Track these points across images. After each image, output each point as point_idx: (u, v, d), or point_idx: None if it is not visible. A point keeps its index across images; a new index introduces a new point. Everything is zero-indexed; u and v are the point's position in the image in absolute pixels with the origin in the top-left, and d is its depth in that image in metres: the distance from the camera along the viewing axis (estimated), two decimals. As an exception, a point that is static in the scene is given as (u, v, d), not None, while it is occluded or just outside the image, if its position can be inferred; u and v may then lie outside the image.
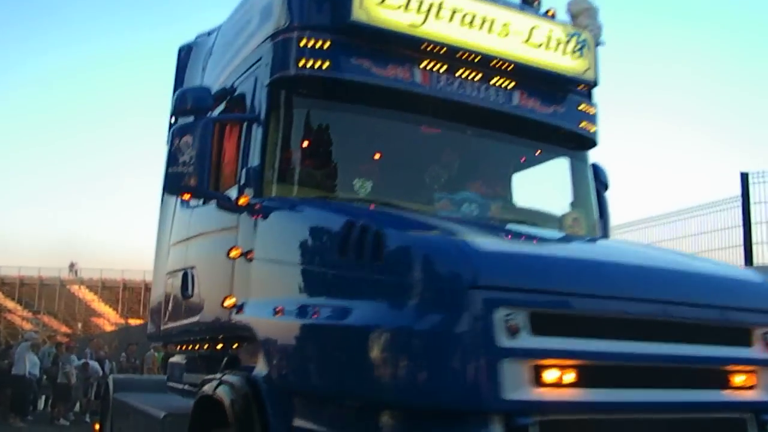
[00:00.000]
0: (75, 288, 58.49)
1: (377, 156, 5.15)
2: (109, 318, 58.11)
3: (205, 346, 5.45)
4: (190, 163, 4.64)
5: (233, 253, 4.52)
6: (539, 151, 5.68)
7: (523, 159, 5.71)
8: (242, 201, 4.61)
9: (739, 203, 11.11)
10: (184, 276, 5.66)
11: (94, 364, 19.27)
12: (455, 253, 3.28)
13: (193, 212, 5.83)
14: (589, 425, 3.24)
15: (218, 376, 4.37)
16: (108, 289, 58.04)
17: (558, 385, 3.17)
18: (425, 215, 4.50)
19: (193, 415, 4.57)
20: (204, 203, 5.61)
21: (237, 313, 4.40)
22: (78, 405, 19.16)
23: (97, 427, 9.82)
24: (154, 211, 7.68)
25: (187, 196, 4.98)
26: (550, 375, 3.16)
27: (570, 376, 3.18)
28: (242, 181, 4.76)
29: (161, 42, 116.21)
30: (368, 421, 3.25)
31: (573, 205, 5.71)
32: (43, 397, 19.77)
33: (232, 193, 4.87)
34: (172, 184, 4.77)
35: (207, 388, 4.37)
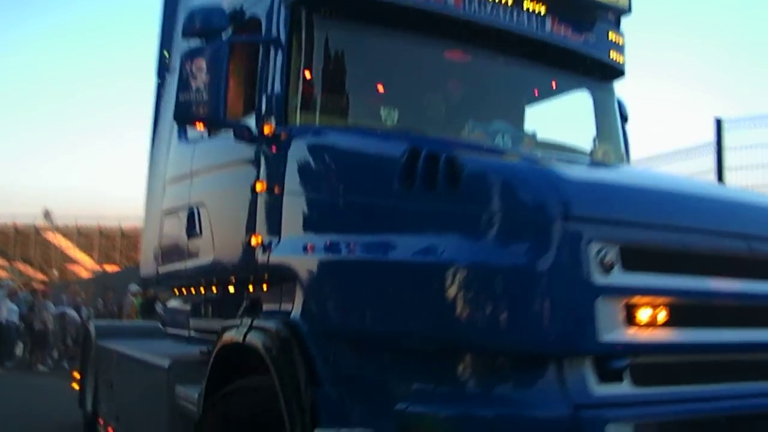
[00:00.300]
0: (50, 235, 57.60)
1: (405, 83, 4.77)
2: (85, 265, 57.41)
3: (218, 289, 5.07)
4: (203, 90, 4.21)
5: (258, 188, 4.12)
6: (568, 80, 5.36)
7: (552, 87, 5.38)
8: (267, 130, 4.20)
9: (713, 149, 11.07)
10: (189, 214, 5.26)
11: (72, 312, 19.18)
12: (544, 181, 2.96)
13: (197, 146, 5.39)
14: (683, 368, 3.00)
15: (245, 321, 4.02)
16: (83, 236, 57.18)
17: (651, 325, 2.91)
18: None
19: (214, 364, 4.22)
20: (210, 135, 5.21)
21: (264, 252, 4.04)
22: (56, 352, 19.14)
23: (77, 375, 9.44)
24: (142, 150, 7.25)
25: (200, 126, 4.54)
26: (643, 314, 2.90)
27: (663, 316, 2.92)
28: (263, 109, 4.35)
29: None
30: (438, 367, 2.96)
31: (600, 138, 5.43)
32: (21, 344, 19.66)
33: (249, 122, 4.47)
34: (183, 114, 4.33)
35: (233, 335, 4.02)
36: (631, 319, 2.88)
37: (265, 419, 3.61)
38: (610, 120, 5.52)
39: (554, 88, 5.37)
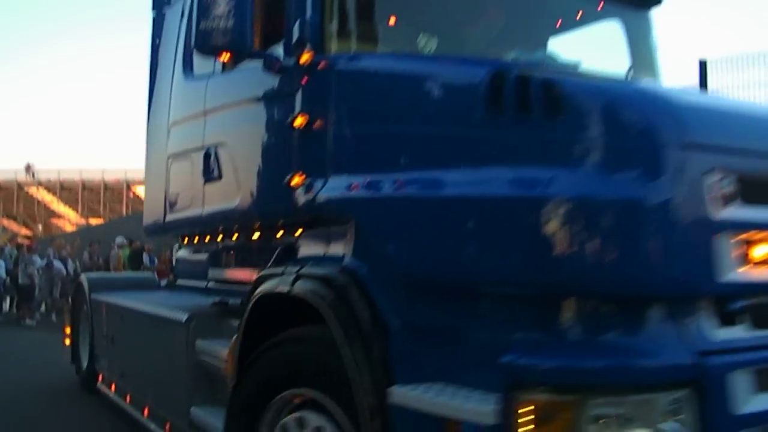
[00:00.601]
0: (33, 190, 56.85)
1: (444, 10, 4.38)
2: (69, 219, 56.75)
3: (241, 236, 4.71)
4: (227, 17, 3.77)
5: (298, 122, 3.73)
6: (608, 6, 5.00)
7: (598, 9, 4.99)
8: (305, 59, 3.79)
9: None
10: (205, 156, 4.86)
11: (58, 264, 18.98)
12: (657, 105, 2.62)
13: (211, 82, 4.97)
14: None
15: (289, 268, 3.68)
16: (67, 190, 56.69)
17: None
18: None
19: (250, 316, 3.89)
20: (226, 69, 4.80)
21: (307, 192, 3.67)
22: (43, 305, 19.06)
23: (68, 330, 9.06)
24: (140, 94, 6.77)
25: (225, 57, 4.11)
26: (764, 251, 2.62)
27: None
28: (295, 37, 3.93)
29: None
30: (540, 315, 2.65)
31: (637, 68, 5.11)
32: (8, 299, 19.44)
33: (277, 51, 4.06)
34: (205, 43, 3.87)
35: (276, 284, 3.67)
36: (751, 257, 2.60)
37: (319, 372, 3.30)
38: (649, 50, 5.20)
39: (599, 9, 4.98)
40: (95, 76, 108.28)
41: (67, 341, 9.02)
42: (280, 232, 4.27)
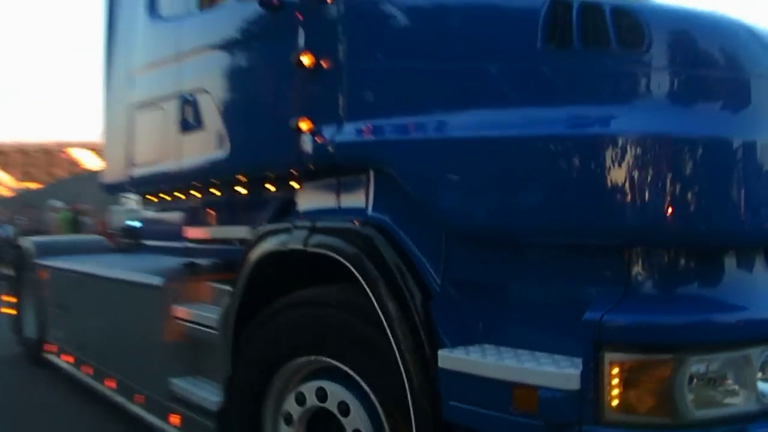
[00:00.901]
0: None
1: None
2: (5, 183, 54.68)
3: (226, 191, 4.28)
4: None
5: (306, 61, 3.33)
6: None
7: None
8: None
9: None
10: (183, 104, 4.40)
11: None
12: (753, 33, 2.37)
13: (186, 23, 4.50)
14: None
15: (300, 222, 3.32)
16: (3, 155, 54.35)
17: None
18: None
19: (251, 276, 3.52)
20: (204, 8, 4.35)
21: (318, 139, 3.28)
22: None
23: (11, 299, 8.43)
24: (95, 44, 6.18)
25: None
26: None
27: None
28: None
29: None
30: (603, 266, 2.38)
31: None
32: None
33: None
34: None
35: (285, 241, 3.31)
36: None
37: (343, 339, 2.98)
38: None
39: None
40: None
41: (11, 311, 8.40)
42: (275, 185, 3.88)
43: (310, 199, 3.60)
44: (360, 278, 2.83)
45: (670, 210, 2.22)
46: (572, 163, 2.34)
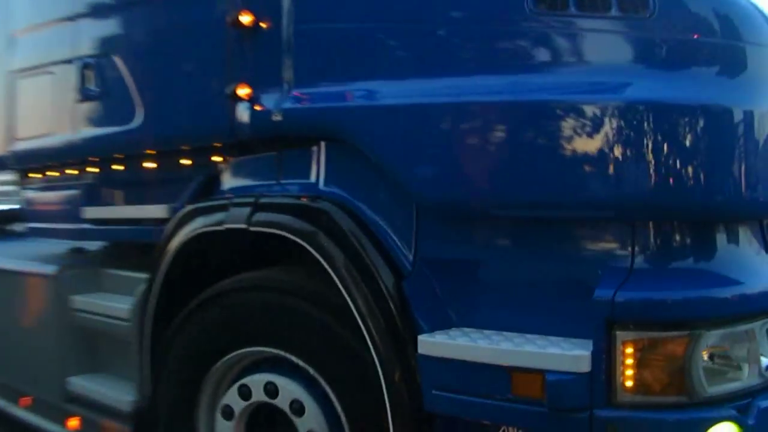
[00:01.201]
0: None
1: None
2: None
3: (132, 165, 3.81)
4: None
5: (245, 20, 2.96)
6: None
7: None
8: None
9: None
10: (84, 68, 3.89)
11: None
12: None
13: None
14: None
15: (236, 200, 2.97)
16: None
17: None
18: None
19: (174, 261, 3.15)
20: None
21: (256, 106, 2.93)
22: None
23: None
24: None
25: None
26: None
27: None
28: None
29: None
30: (606, 240, 2.25)
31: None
32: None
33: None
34: None
35: (220, 219, 2.95)
36: None
37: (293, 326, 2.69)
38: None
39: None
40: None
41: None
42: (192, 160, 3.48)
43: (239, 175, 3.23)
44: (320, 258, 2.53)
45: (670, 181, 2.10)
46: (560, 131, 2.16)
